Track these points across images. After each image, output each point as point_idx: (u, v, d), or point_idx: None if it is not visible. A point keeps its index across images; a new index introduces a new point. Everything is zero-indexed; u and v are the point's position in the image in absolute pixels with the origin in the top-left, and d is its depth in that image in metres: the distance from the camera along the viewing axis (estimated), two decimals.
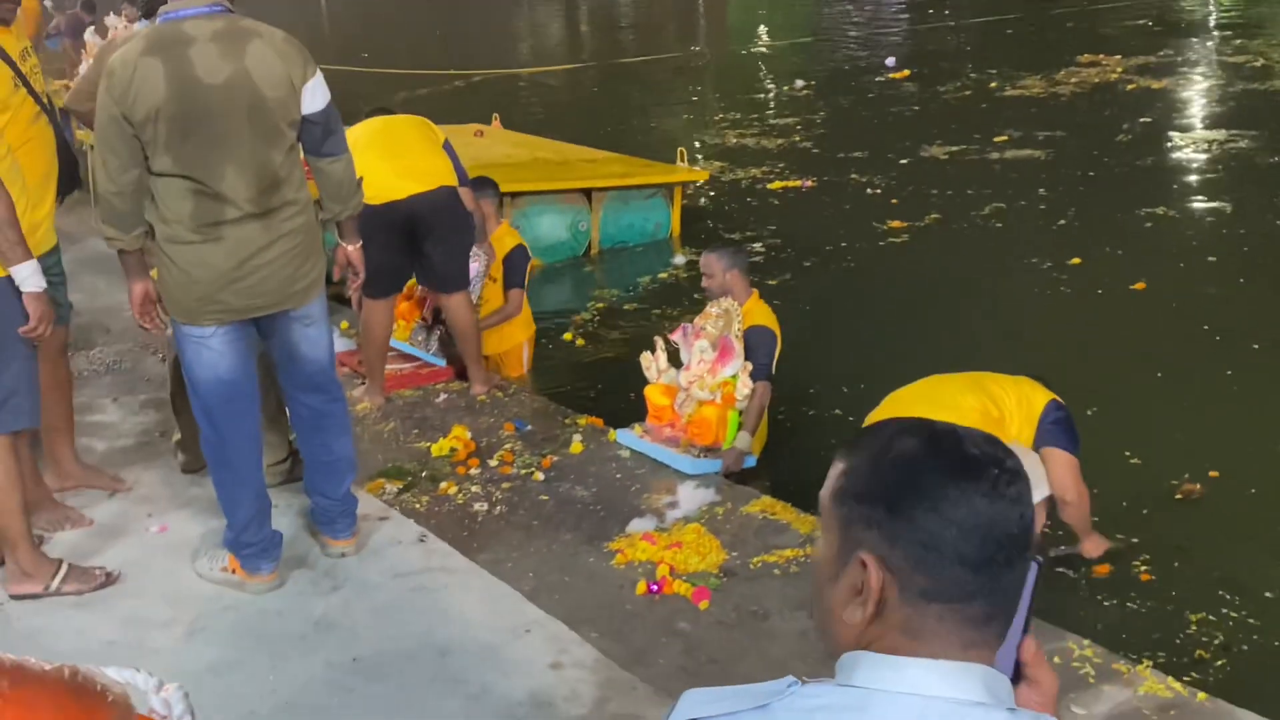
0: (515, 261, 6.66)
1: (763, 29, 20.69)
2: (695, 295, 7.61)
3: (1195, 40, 15.88)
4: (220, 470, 4.14)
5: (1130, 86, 13.40)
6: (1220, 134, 11.44)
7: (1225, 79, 13.82)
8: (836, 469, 1.40)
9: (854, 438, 1.43)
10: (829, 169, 11.07)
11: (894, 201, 10.03)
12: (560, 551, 4.59)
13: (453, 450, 5.41)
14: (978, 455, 1.34)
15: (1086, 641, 3.92)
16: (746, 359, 5.49)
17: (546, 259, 8.53)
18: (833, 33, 19.95)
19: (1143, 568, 4.82)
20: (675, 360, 5.68)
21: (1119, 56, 14.59)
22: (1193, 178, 10.35)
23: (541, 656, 3.83)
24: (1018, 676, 1.39)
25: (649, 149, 10.50)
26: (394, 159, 5.77)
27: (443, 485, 5.12)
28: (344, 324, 7.02)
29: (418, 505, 4.96)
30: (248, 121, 3.76)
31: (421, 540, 4.55)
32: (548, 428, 5.71)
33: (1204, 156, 10.90)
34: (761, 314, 5.68)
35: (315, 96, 3.89)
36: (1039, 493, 4.36)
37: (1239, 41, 15.51)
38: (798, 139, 12.42)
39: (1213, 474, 5.42)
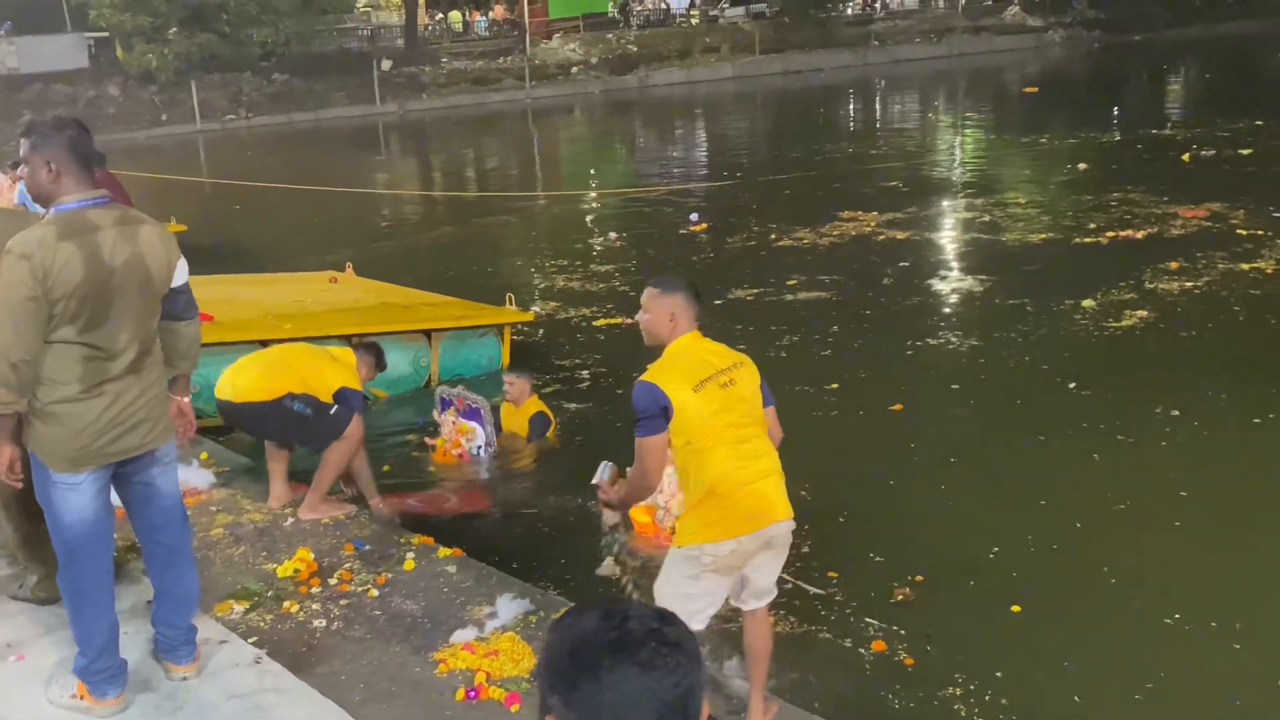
0: (535, 423, 7.50)
1: (592, 184, 20.90)
2: None
3: (936, 199, 16.46)
4: (78, 601, 3.92)
5: (881, 238, 13.82)
6: (965, 279, 11.84)
7: (960, 232, 14.33)
8: (544, 645, 1.44)
9: (559, 617, 1.46)
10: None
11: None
12: (389, 662, 4.40)
13: (296, 571, 5.17)
14: (637, 631, 1.36)
15: None
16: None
17: (391, 391, 8.38)
18: (647, 190, 20.25)
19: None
20: None
21: (875, 213, 15.03)
22: (943, 315, 10.64)
23: None
24: None
25: (488, 291, 10.43)
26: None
27: (285, 604, 4.88)
28: (204, 454, 6.70)
29: (262, 624, 4.72)
30: (138, 294, 3.77)
31: (257, 662, 4.32)
32: (384, 546, 5.51)
33: (952, 298, 11.24)
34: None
35: (182, 273, 3.94)
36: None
37: (972, 201, 16.14)
38: (617, 283, 12.45)
39: (918, 578, 5.53)
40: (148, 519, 4.04)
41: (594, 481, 4.04)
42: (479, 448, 7.34)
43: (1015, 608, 5.25)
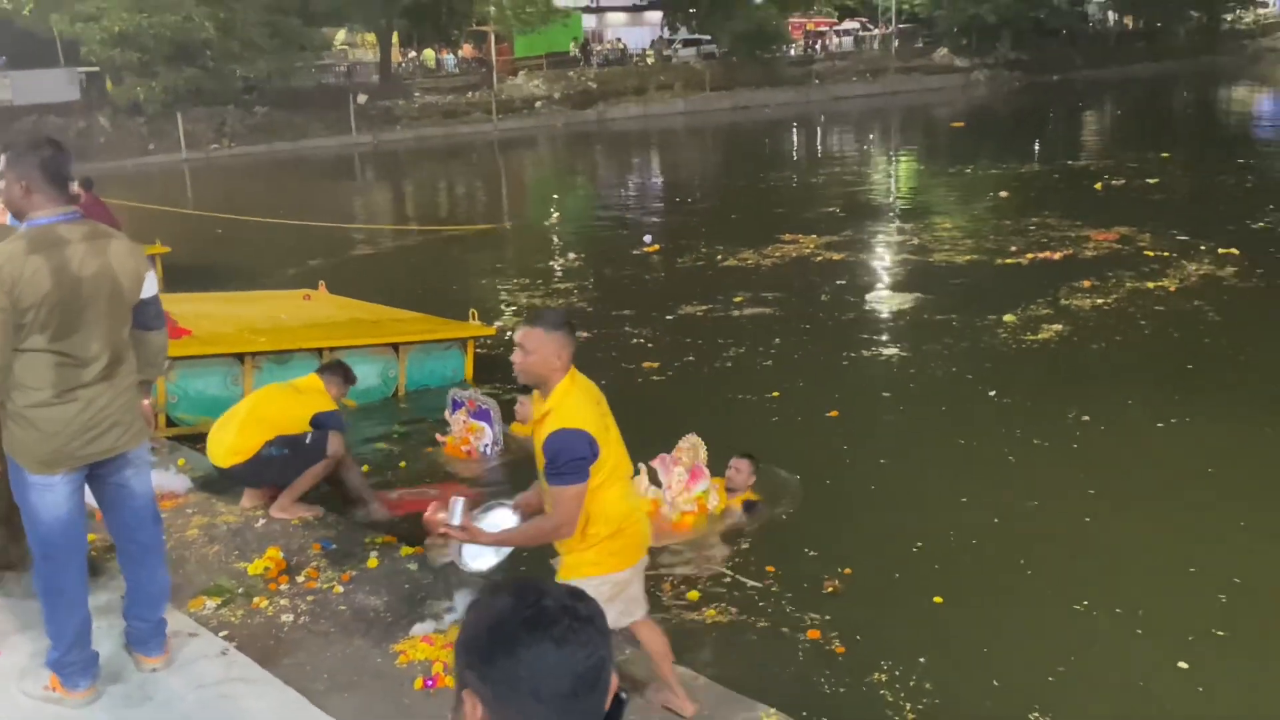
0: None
1: (554, 210, 20.87)
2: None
3: (870, 223, 16.57)
4: (52, 596, 3.84)
5: (819, 259, 13.89)
6: (896, 296, 11.92)
7: (892, 253, 14.43)
8: (461, 623, 1.41)
9: (475, 597, 1.44)
10: (604, 324, 11.10)
11: (650, 347, 10.08)
12: (352, 654, 4.34)
13: (266, 569, 5.09)
14: (551, 608, 1.34)
15: (772, 710, 3.86)
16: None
17: (361, 400, 8.27)
18: (606, 214, 20.28)
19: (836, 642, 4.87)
20: (653, 478, 6.21)
21: (814, 236, 15.11)
22: (876, 329, 10.71)
23: None
24: None
25: (454, 308, 10.35)
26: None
27: (255, 600, 4.80)
28: (181, 460, 6.60)
29: (233, 619, 4.65)
30: (108, 305, 3.72)
31: (224, 654, 4.25)
32: (350, 546, 5.43)
33: (885, 313, 11.30)
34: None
35: (151, 285, 3.89)
36: None
37: (903, 225, 16.26)
38: (575, 299, 12.43)
39: (847, 571, 5.55)
40: (122, 518, 3.98)
41: (452, 522, 3.58)
42: (486, 446, 7.41)
43: (937, 598, 5.26)
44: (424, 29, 44.02)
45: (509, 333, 10.79)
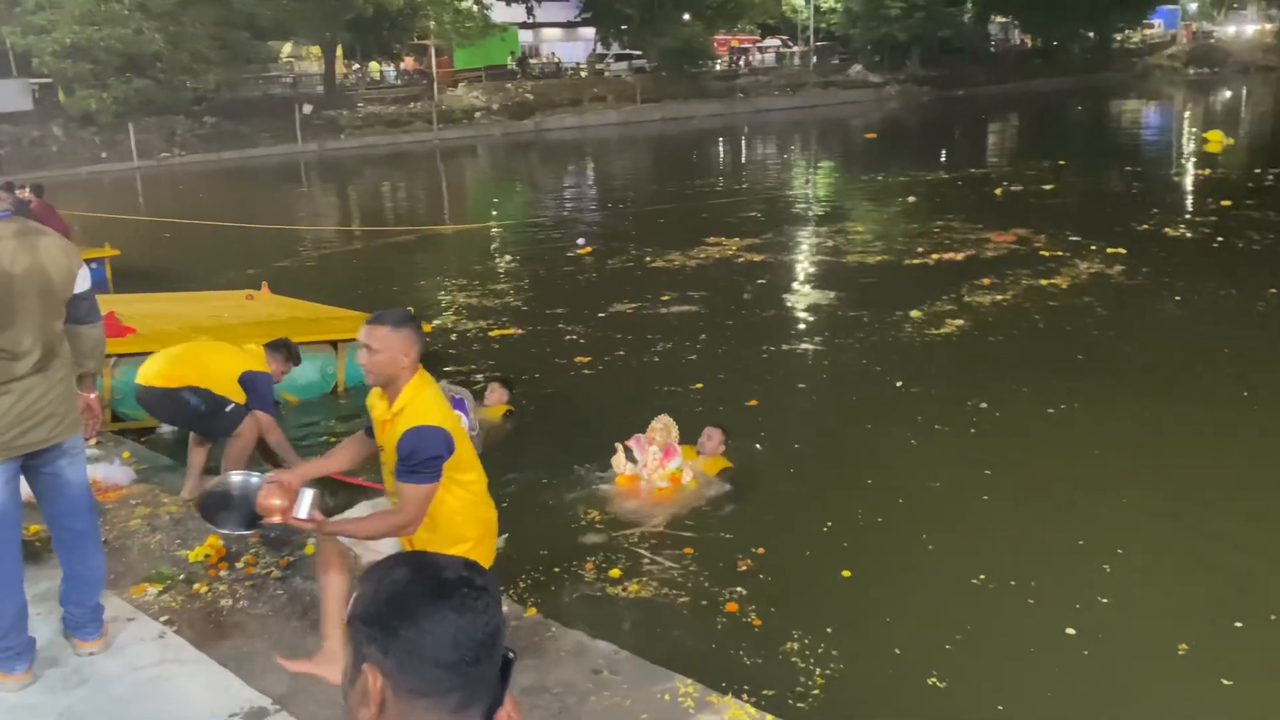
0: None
1: (493, 214, 20.71)
2: None
3: (789, 227, 16.68)
4: None
5: (741, 260, 13.94)
6: (812, 294, 12.01)
7: (809, 255, 14.55)
8: (353, 597, 1.36)
9: (367, 570, 1.38)
10: (539, 321, 11.04)
11: (582, 342, 10.05)
12: (289, 636, 4.25)
13: (207, 555, 4.97)
14: (450, 579, 1.32)
15: (690, 680, 3.85)
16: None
17: (301, 396, 8.15)
18: (542, 218, 20.19)
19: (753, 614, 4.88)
20: (630, 457, 6.45)
21: (737, 238, 15.17)
22: (794, 325, 10.78)
23: None
24: None
25: (392, 306, 10.17)
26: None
27: (195, 586, 4.69)
28: (126, 454, 6.44)
29: (173, 604, 4.54)
30: (39, 300, 3.60)
31: (161, 637, 4.14)
32: (288, 533, 5.31)
33: (802, 310, 11.39)
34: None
35: (84, 280, 3.78)
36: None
37: (819, 229, 16.40)
38: (511, 299, 12.35)
39: (759, 550, 5.56)
40: (56, 507, 3.86)
41: (300, 516, 3.41)
42: (465, 429, 7.27)
43: (845, 573, 5.31)
44: (367, 42, 43.45)
45: (444, 331, 10.73)
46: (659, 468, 6.40)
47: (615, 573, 5.30)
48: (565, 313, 11.29)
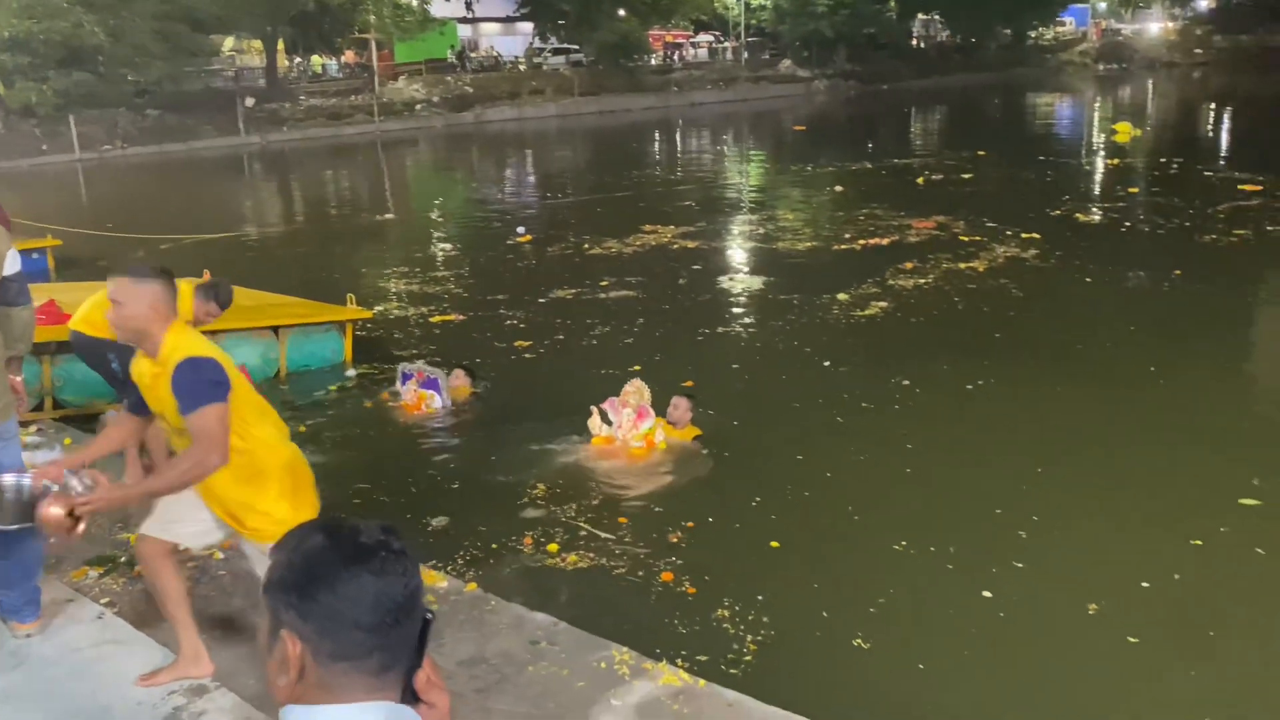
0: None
1: (436, 202, 20.48)
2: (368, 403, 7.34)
3: (722, 215, 16.72)
4: None
5: (676, 247, 13.95)
6: (745, 279, 12.06)
7: (741, 241, 14.61)
8: (269, 565, 1.32)
9: (281, 539, 1.34)
10: (480, 307, 10.94)
11: (523, 327, 9.99)
12: (230, 614, 4.16)
13: None
14: (368, 543, 1.29)
15: (625, 648, 3.85)
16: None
17: None
18: (482, 208, 20.02)
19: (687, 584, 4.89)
20: (605, 419, 6.71)
21: (672, 226, 15.17)
22: (727, 309, 10.81)
23: (190, 706, 3.40)
24: (417, 700, 1.33)
25: (335, 295, 10.05)
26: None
27: (137, 568, 4.54)
28: (67, 440, 6.25)
29: (115, 586, 4.42)
30: None
31: (99, 618, 4.03)
32: None
33: (734, 294, 11.43)
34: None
35: (13, 263, 3.67)
36: None
37: (751, 217, 16.47)
38: (451, 285, 12.23)
39: (689, 524, 5.58)
40: None
41: (78, 493, 3.11)
42: (440, 406, 7.60)
43: (774, 544, 5.35)
44: (309, 36, 42.64)
45: (385, 317, 10.60)
46: (633, 428, 6.60)
47: (553, 546, 5.29)
48: (505, 299, 11.21)
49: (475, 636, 4.00)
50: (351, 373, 8.62)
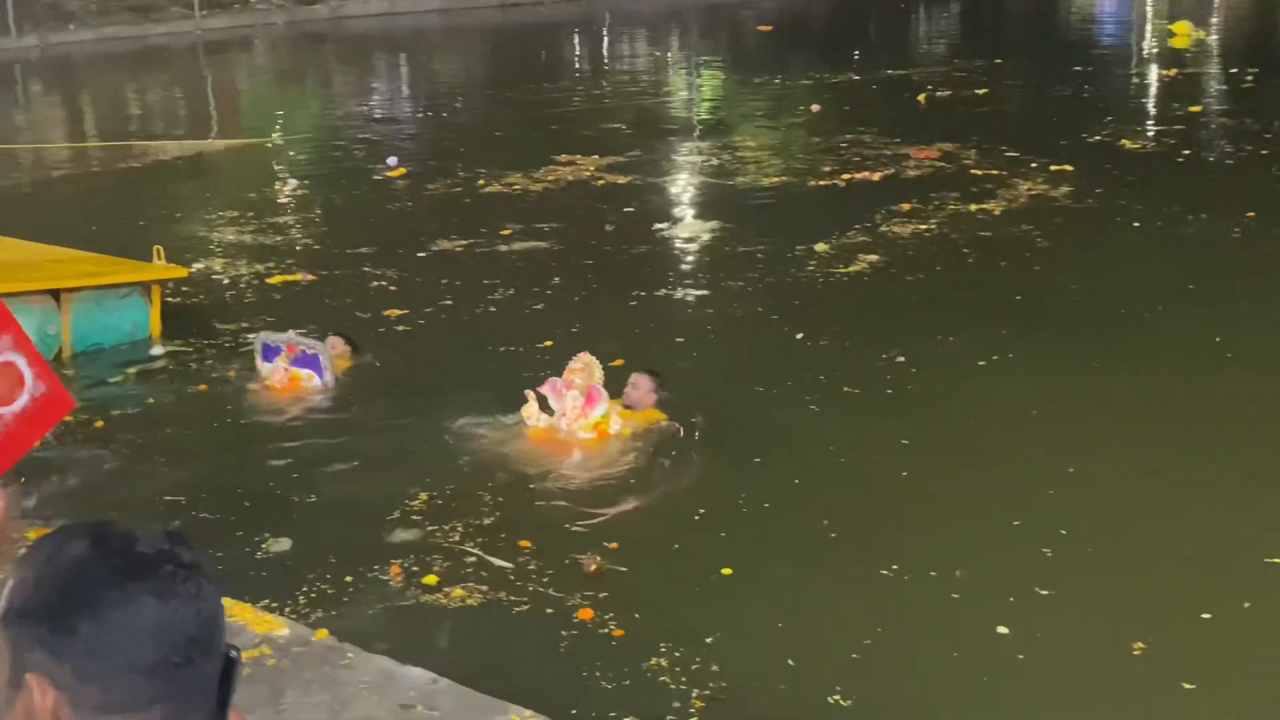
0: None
1: (277, 127, 20.19)
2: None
3: (661, 142, 16.71)
4: None
5: (601, 182, 13.93)
6: (692, 226, 12.09)
7: (688, 176, 14.63)
8: (7, 585, 1.25)
9: (28, 549, 1.28)
10: (337, 264, 10.82)
11: (394, 291, 9.92)
12: None
13: None
14: (148, 554, 1.24)
15: (528, 711, 3.87)
16: None
17: None
18: (340, 130, 19.78)
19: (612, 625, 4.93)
20: (545, 407, 6.82)
21: (595, 156, 15.13)
22: (670, 264, 10.86)
23: None
24: None
25: (139, 247, 9.87)
26: None
27: None
28: None
29: None
30: None
31: None
32: None
33: (679, 245, 11.47)
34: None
35: None
36: None
37: (700, 144, 16.48)
38: (297, 235, 12.08)
39: (613, 545, 5.60)
40: None
41: None
42: (322, 385, 7.75)
43: (726, 570, 5.38)
44: None
45: (206, 277, 10.44)
46: (580, 417, 6.68)
47: (431, 578, 5.28)
48: (371, 253, 11.11)
49: (327, 701, 3.99)
50: (158, 350, 8.53)
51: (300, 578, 5.28)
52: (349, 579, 5.33)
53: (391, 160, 15.48)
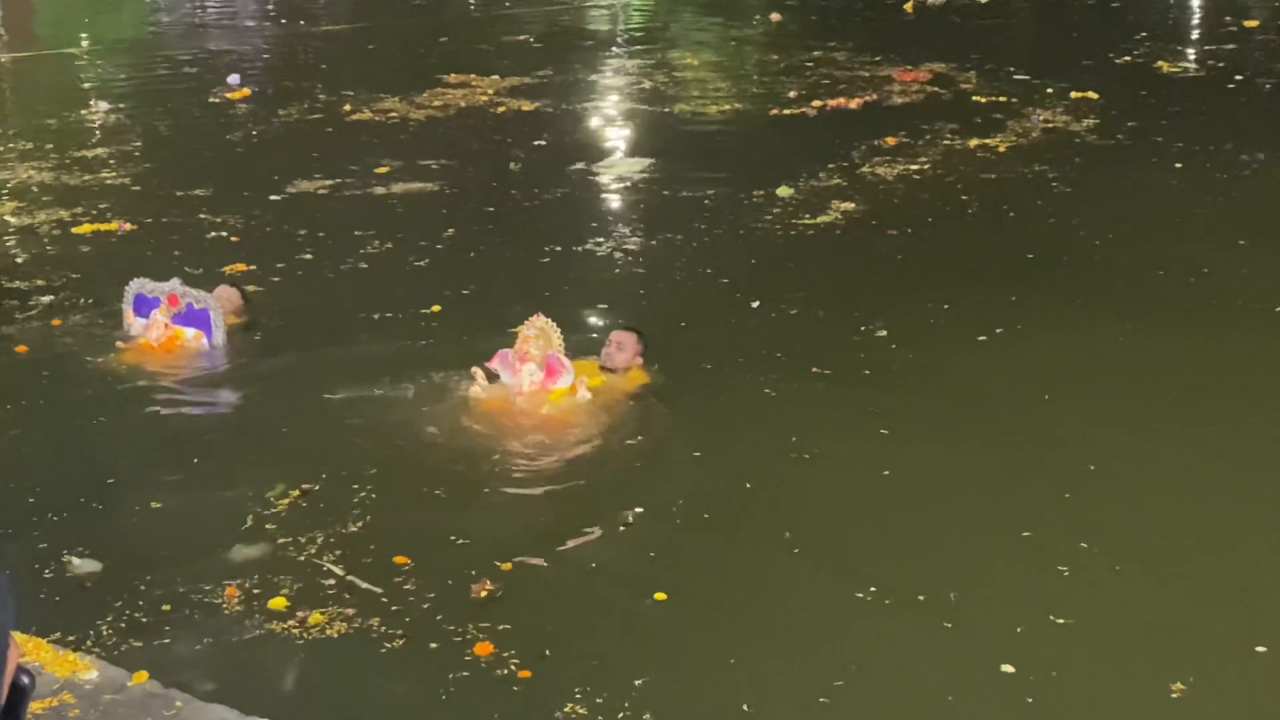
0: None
1: (83, 36, 19.97)
2: None
3: (579, 59, 16.70)
4: None
5: (502, 109, 13.92)
6: (620, 164, 12.14)
7: (615, 102, 14.65)
8: None
9: None
10: (164, 209, 10.75)
11: (235, 240, 9.89)
12: None
13: None
14: None
15: None
16: None
17: None
18: (167, 39, 19.59)
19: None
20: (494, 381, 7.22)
21: (494, 76, 15.10)
22: (593, 212, 10.98)
23: None
24: None
25: None
26: None
27: None
28: None
29: None
30: None
31: None
32: None
33: (605, 188, 11.56)
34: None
35: None
36: None
37: (628, 62, 16.49)
38: (111, 173, 11.94)
39: (506, 566, 5.64)
40: None
41: None
42: (209, 347, 8.01)
43: (659, 595, 5.38)
44: None
45: (15, 232, 10.30)
46: (540, 391, 7.02)
47: (279, 602, 5.26)
48: (207, 195, 11.09)
49: None
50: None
51: (110, 605, 5.21)
52: (167, 606, 5.29)
53: (232, 79, 15.42)
